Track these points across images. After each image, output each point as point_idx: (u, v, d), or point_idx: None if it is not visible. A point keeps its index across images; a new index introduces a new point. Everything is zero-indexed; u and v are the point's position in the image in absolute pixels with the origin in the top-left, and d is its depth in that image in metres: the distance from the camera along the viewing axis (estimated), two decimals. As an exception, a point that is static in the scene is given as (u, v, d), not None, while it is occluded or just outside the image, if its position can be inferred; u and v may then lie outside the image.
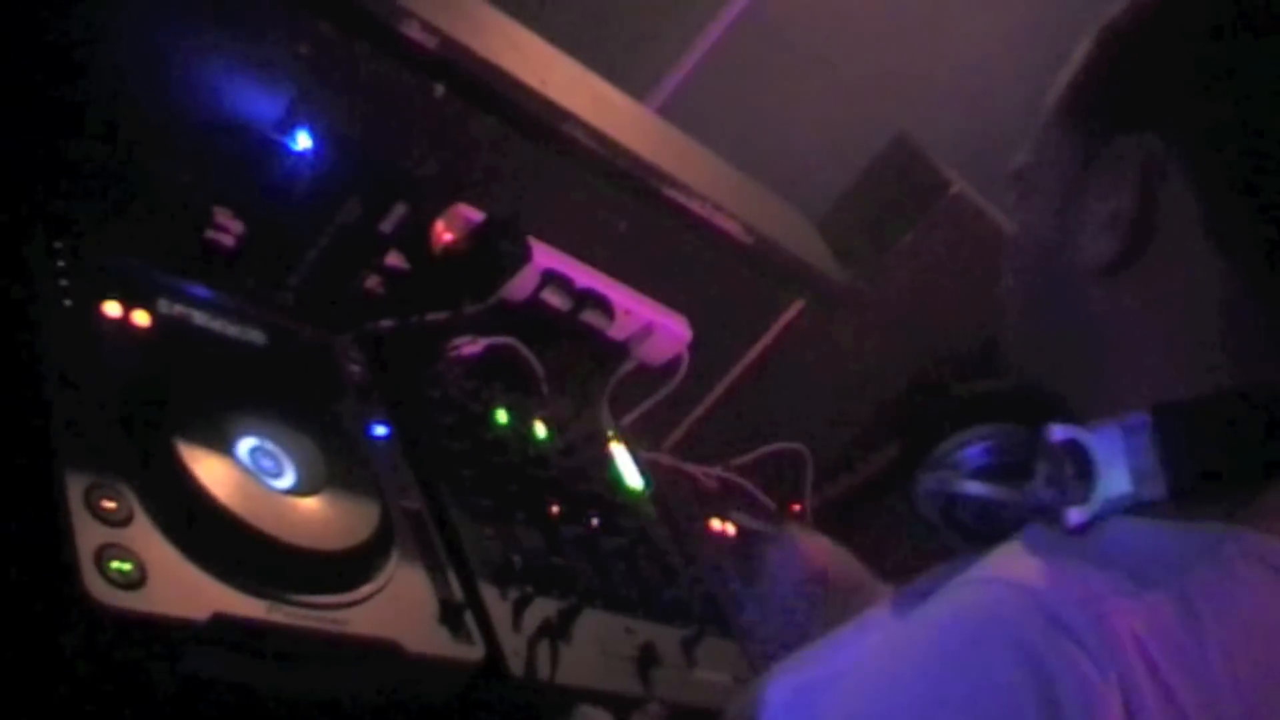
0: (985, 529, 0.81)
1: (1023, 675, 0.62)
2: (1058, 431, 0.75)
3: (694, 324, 1.85)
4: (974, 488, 0.83)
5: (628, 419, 1.85)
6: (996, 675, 0.63)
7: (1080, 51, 0.82)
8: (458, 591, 1.19)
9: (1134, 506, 0.72)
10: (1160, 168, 0.73)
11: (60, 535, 0.92)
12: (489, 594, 1.23)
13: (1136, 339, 0.76)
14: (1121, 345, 0.77)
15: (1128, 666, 0.63)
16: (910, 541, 1.32)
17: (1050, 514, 0.75)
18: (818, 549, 1.37)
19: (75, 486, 0.95)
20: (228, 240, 1.38)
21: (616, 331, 1.75)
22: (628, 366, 1.83)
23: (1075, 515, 0.73)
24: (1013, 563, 0.71)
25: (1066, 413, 0.78)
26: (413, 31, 1.40)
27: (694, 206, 1.76)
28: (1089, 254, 0.77)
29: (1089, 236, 0.77)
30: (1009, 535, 0.77)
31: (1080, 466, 0.73)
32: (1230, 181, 0.72)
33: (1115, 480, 0.72)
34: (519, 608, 1.23)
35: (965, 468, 0.84)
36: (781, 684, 0.80)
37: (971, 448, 0.84)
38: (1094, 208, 0.77)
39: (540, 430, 1.54)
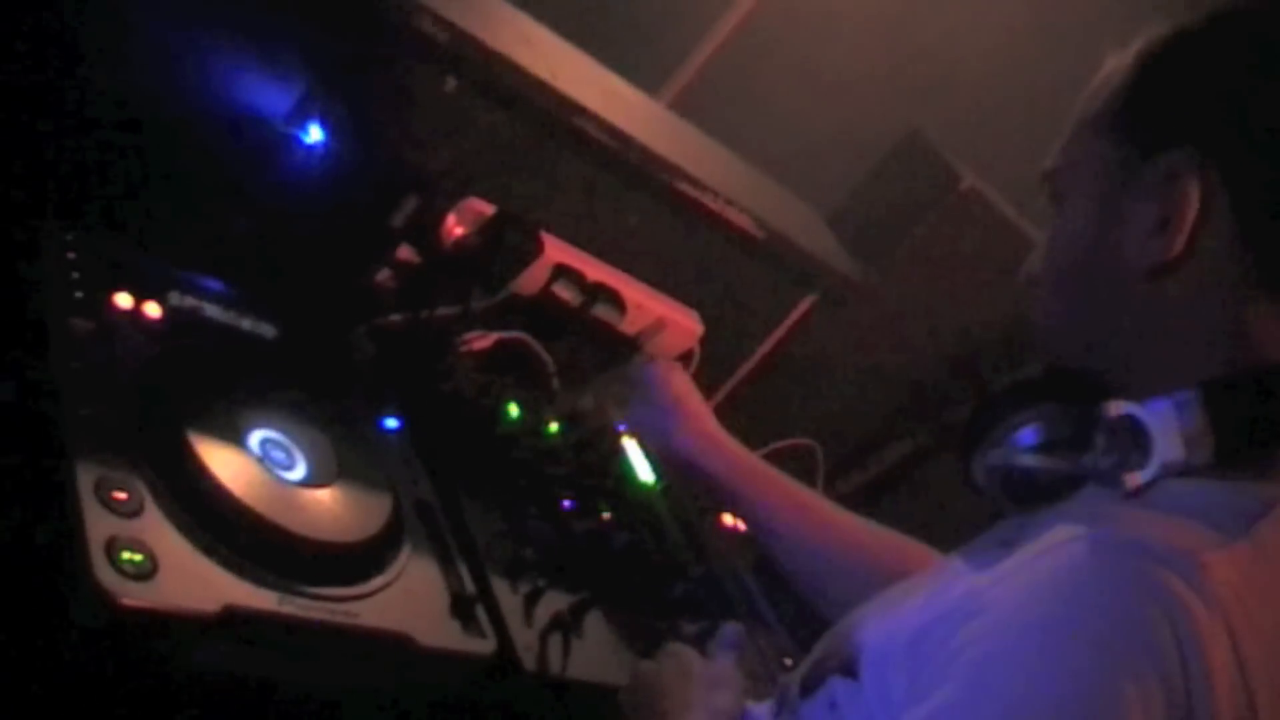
0: (1036, 496, 0.92)
1: (1157, 614, 0.71)
2: (1115, 408, 0.85)
3: (705, 319, 1.84)
4: (1034, 461, 0.93)
5: (639, 414, 1.85)
6: (1136, 614, 0.72)
7: (1117, 68, 0.91)
8: (469, 585, 1.19)
9: (1183, 470, 0.81)
10: (1201, 182, 0.83)
11: (71, 526, 0.92)
12: (500, 587, 1.22)
13: (1179, 328, 0.86)
14: (1165, 333, 0.86)
15: (1225, 604, 0.73)
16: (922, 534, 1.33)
17: (1109, 479, 0.84)
18: (677, 380, 1.48)
19: (86, 478, 0.95)
20: (239, 233, 1.38)
21: (628, 326, 1.74)
22: (639, 361, 1.82)
23: (1134, 479, 0.83)
24: (1110, 521, 0.80)
25: (1107, 393, 0.87)
26: (424, 25, 1.40)
27: (706, 201, 1.76)
28: (1137, 257, 0.86)
29: (1135, 242, 0.86)
30: (1056, 499, 0.89)
31: (1136, 437, 0.83)
32: (1263, 201, 0.83)
33: (1168, 447, 0.82)
34: (530, 601, 1.23)
35: (1021, 444, 0.94)
36: (886, 629, 0.87)
37: (1029, 425, 0.94)
38: (1139, 215, 0.86)
39: (551, 424, 1.53)
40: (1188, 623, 0.71)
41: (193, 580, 0.96)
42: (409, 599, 1.12)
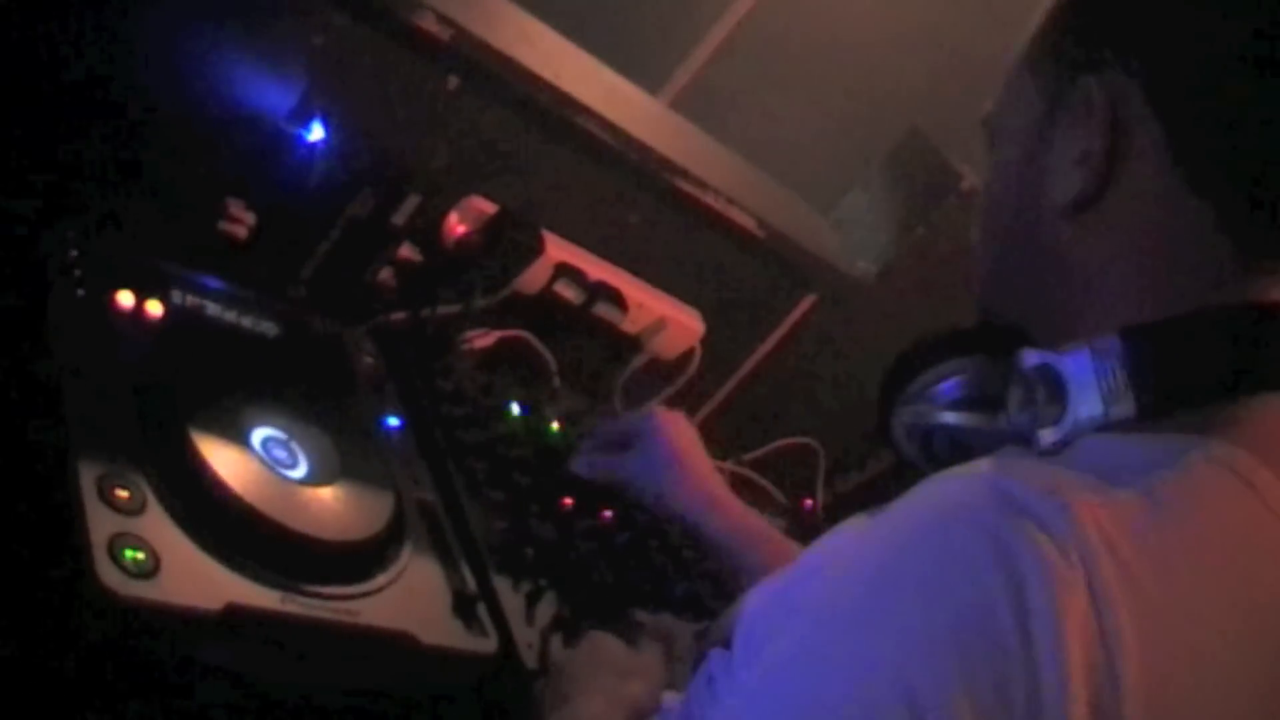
0: (962, 460, 0.79)
1: (988, 556, 0.63)
2: (1030, 357, 0.77)
3: (706, 318, 1.85)
4: (951, 418, 0.84)
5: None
6: (961, 556, 0.64)
7: (1044, 8, 0.84)
8: (470, 583, 1.19)
9: (1104, 426, 0.73)
10: (1125, 104, 0.75)
11: (73, 524, 0.92)
12: (502, 586, 1.22)
13: (1105, 270, 0.78)
14: (1091, 276, 0.78)
15: (1092, 552, 0.63)
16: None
17: (1025, 438, 0.76)
18: (679, 433, 1.41)
19: (88, 475, 0.95)
20: (241, 231, 1.38)
21: (629, 325, 1.74)
22: (640, 360, 1.82)
23: (1047, 435, 0.74)
24: (981, 464, 0.72)
25: (1037, 346, 0.79)
26: (426, 23, 1.40)
27: (707, 200, 1.75)
28: (1059, 191, 0.79)
29: (1058, 175, 0.79)
30: None
31: (1052, 390, 0.75)
32: (1193, 113, 0.74)
33: (1086, 401, 0.73)
34: (532, 600, 1.23)
35: (941, 400, 0.86)
36: (757, 595, 0.80)
37: (945, 381, 0.86)
38: (1063, 147, 0.79)
39: (553, 423, 1.53)
40: (1038, 578, 0.62)
41: (195, 578, 0.96)
42: (411, 598, 1.12)
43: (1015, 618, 0.62)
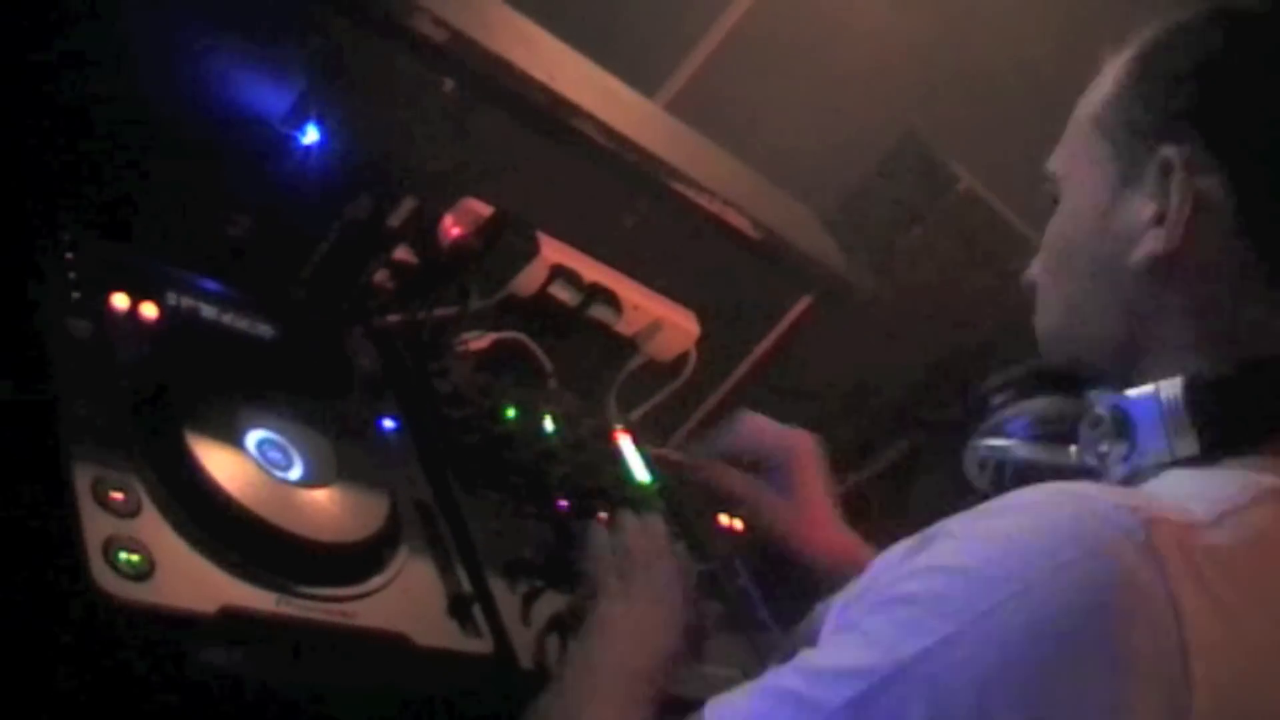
0: None
1: (1087, 564, 0.71)
2: (1103, 399, 0.87)
3: (702, 319, 1.85)
4: (1026, 451, 0.93)
5: (636, 414, 1.85)
6: (1051, 559, 0.71)
7: (1114, 71, 0.91)
8: (466, 585, 1.19)
9: (1168, 462, 0.82)
10: (1199, 170, 0.83)
11: (68, 527, 0.92)
12: (498, 587, 1.22)
13: (1172, 321, 0.86)
14: (1158, 326, 0.87)
15: (1172, 563, 0.72)
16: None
17: (1095, 472, 0.86)
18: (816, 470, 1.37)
19: (83, 478, 0.95)
20: (237, 234, 1.38)
21: (625, 327, 1.75)
22: (636, 361, 1.82)
23: (1117, 469, 0.84)
24: (1072, 484, 0.80)
25: (1098, 386, 0.89)
26: (422, 25, 1.40)
27: (703, 202, 1.76)
28: (1134, 249, 0.86)
29: (1133, 234, 0.86)
30: None
31: (1122, 428, 0.85)
32: (1263, 182, 0.83)
33: (1153, 439, 0.83)
34: (528, 601, 1.23)
35: (1017, 434, 0.94)
36: (848, 590, 0.84)
37: (1020, 418, 0.95)
38: (1138, 208, 0.87)
39: (549, 424, 1.53)
40: (1123, 575, 0.71)
41: (190, 581, 0.96)
42: (406, 599, 1.12)
43: (1095, 616, 0.69)
